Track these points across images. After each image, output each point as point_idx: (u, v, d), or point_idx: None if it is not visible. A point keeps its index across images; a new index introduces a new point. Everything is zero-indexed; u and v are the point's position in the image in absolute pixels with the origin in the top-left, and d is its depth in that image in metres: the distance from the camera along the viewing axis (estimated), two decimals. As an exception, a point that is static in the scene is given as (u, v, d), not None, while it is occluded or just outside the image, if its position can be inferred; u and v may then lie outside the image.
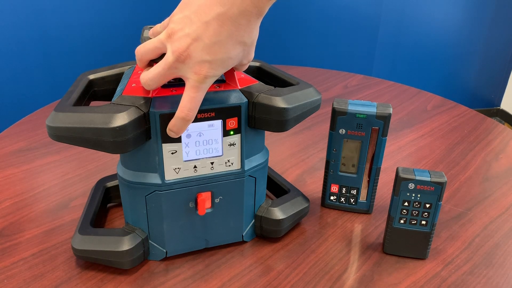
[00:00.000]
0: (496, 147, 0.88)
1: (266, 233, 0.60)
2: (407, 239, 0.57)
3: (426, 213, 0.55)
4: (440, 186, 0.53)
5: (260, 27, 0.47)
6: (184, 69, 0.45)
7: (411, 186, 0.54)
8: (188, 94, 0.46)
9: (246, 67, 0.51)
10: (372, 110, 0.60)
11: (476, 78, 2.54)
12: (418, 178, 0.54)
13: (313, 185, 0.74)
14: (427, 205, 0.55)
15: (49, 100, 1.05)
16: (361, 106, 0.61)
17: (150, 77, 0.46)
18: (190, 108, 0.46)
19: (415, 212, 0.55)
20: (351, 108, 0.61)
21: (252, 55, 0.49)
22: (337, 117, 0.61)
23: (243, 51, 0.46)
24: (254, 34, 0.46)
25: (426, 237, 0.57)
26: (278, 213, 0.59)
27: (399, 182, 0.54)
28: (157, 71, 0.46)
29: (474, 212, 0.68)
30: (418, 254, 0.58)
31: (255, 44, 0.48)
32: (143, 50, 0.48)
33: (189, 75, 0.45)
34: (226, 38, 0.44)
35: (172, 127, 0.48)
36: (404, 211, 0.56)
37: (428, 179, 0.53)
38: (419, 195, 0.54)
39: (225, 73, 0.53)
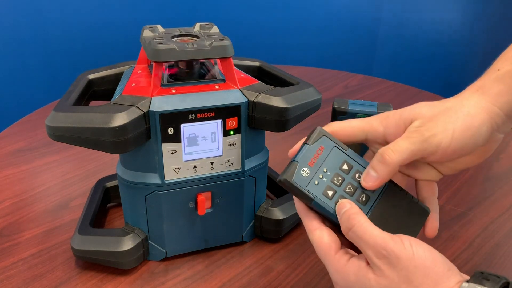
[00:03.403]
0: (497, 147, 0.88)
1: (266, 233, 0.60)
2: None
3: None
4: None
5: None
6: None
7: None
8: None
9: None
10: (372, 110, 0.60)
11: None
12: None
13: (313, 185, 0.74)
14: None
15: (49, 100, 1.05)
16: (361, 106, 0.61)
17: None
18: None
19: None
20: (352, 108, 0.60)
21: None
22: (338, 117, 0.61)
23: None
24: None
25: None
26: (278, 213, 0.59)
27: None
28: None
29: (474, 212, 0.68)
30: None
31: None
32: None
33: None
34: None
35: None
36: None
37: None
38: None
39: (225, 73, 0.53)
